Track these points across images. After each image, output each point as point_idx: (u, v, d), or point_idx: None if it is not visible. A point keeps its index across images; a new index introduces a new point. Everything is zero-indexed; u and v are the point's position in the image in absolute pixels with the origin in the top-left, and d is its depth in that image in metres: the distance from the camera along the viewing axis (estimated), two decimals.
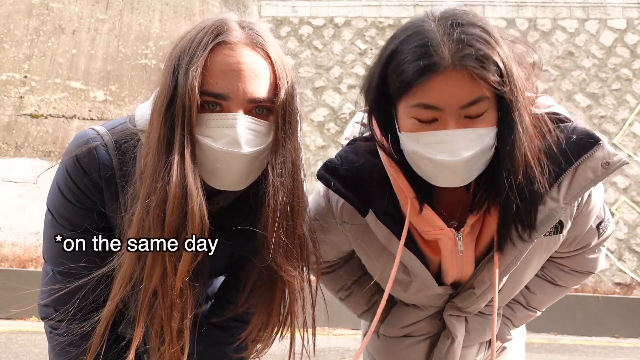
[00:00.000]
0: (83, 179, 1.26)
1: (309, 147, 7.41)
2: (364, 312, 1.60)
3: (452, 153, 1.18)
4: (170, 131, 1.18)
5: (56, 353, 1.36)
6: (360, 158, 1.35)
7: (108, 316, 1.23)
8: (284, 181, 1.22)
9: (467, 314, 1.49)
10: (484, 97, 1.17)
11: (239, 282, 1.39)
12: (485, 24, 1.21)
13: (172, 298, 1.19)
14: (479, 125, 1.19)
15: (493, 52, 1.16)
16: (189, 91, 1.15)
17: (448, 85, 1.16)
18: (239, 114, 1.17)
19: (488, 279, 1.39)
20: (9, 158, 6.82)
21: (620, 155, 1.28)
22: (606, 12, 8.34)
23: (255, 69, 1.19)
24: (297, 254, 1.27)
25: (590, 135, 1.28)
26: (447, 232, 1.32)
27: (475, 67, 1.15)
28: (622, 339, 5.83)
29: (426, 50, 1.17)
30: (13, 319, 4.96)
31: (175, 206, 1.15)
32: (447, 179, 1.22)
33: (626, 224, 7.02)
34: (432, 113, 1.18)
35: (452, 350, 1.50)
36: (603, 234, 1.46)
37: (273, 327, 1.34)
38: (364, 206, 1.33)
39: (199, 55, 1.17)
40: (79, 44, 7.83)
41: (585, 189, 1.29)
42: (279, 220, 1.21)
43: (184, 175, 1.15)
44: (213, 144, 1.17)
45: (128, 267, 1.20)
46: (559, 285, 1.57)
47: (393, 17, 8.32)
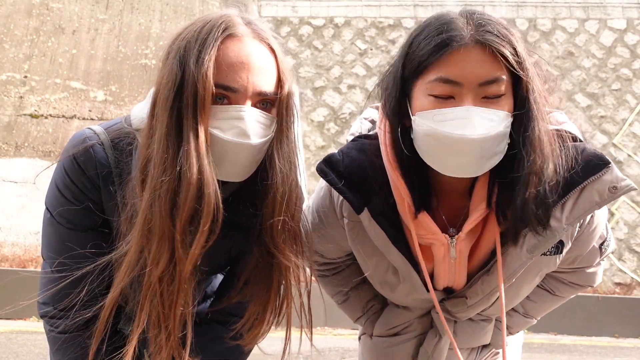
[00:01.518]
0: (80, 177, 1.28)
1: (309, 147, 7.41)
2: (359, 317, 1.61)
3: (470, 128, 1.16)
4: (178, 120, 1.19)
5: (55, 350, 1.37)
6: (362, 156, 1.35)
7: (112, 302, 1.25)
8: (290, 170, 1.26)
9: (456, 318, 1.48)
10: (503, 77, 1.17)
11: (236, 276, 1.41)
12: (503, 21, 1.24)
13: (178, 283, 1.20)
14: (498, 107, 1.18)
15: (512, 37, 1.19)
16: (203, 80, 1.16)
17: (469, 60, 1.17)
18: (247, 106, 1.20)
19: (481, 292, 1.38)
20: (9, 158, 6.83)
21: (628, 181, 1.25)
22: (606, 12, 8.34)
23: (263, 62, 1.22)
24: (297, 240, 1.30)
25: (600, 157, 1.26)
26: (440, 237, 1.31)
27: (495, 41, 1.16)
28: (622, 339, 5.83)
29: (447, 27, 1.19)
30: (13, 319, 4.96)
31: (192, 194, 1.16)
32: (459, 165, 1.20)
33: (626, 224, 7.02)
34: (451, 88, 1.18)
35: (438, 348, 1.50)
36: (605, 252, 1.44)
37: (269, 314, 1.36)
38: (359, 204, 1.33)
39: (210, 45, 1.19)
40: (79, 44, 7.83)
41: (589, 211, 1.26)
42: (286, 206, 1.25)
43: (200, 162, 1.17)
44: (222, 134, 1.19)
45: (134, 254, 1.22)
46: (557, 295, 1.57)
47: (393, 17, 8.32)
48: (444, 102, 1.19)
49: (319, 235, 1.44)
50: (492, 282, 1.36)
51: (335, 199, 1.40)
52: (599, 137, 7.55)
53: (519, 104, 1.20)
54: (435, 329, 1.50)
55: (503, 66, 1.18)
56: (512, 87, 1.20)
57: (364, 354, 1.64)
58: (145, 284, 1.21)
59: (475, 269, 1.38)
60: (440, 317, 1.43)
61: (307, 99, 7.69)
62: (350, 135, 1.46)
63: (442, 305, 1.46)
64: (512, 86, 1.20)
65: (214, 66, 1.18)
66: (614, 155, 7.40)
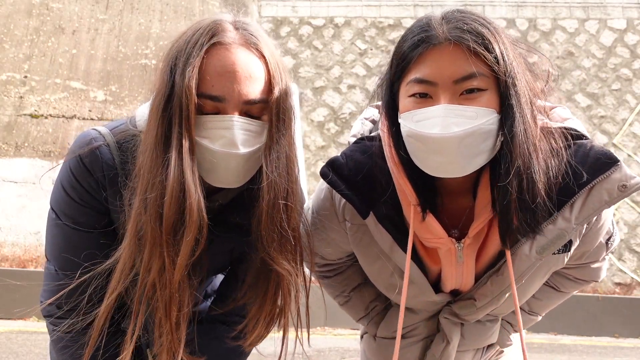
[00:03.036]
0: (87, 178, 1.28)
1: (309, 147, 7.41)
2: (361, 318, 1.60)
3: (443, 127, 1.15)
4: (168, 129, 1.20)
5: (58, 349, 1.37)
6: (367, 158, 1.33)
7: (107, 310, 1.26)
8: (279, 176, 1.24)
9: (464, 321, 1.47)
10: (480, 73, 1.16)
11: (238, 277, 1.41)
12: (487, 19, 1.22)
13: (170, 291, 1.21)
14: (476, 104, 1.16)
15: (489, 35, 1.17)
16: (186, 91, 1.17)
17: (441, 58, 1.17)
18: (234, 116, 1.20)
19: (491, 294, 1.36)
20: (9, 158, 6.82)
21: (638, 179, 1.22)
22: (606, 12, 8.34)
23: (250, 69, 1.22)
24: (291, 247, 1.29)
25: (609, 155, 1.23)
26: (447, 241, 1.29)
27: (469, 40, 1.15)
28: (622, 339, 5.82)
29: (423, 28, 1.20)
30: (13, 319, 4.96)
31: (173, 202, 1.17)
32: (440, 165, 1.19)
33: (626, 224, 7.02)
34: (427, 88, 1.18)
35: (446, 352, 1.48)
36: (611, 247, 1.43)
37: (267, 318, 1.36)
38: (365, 208, 1.31)
39: (195, 55, 1.19)
40: (79, 44, 7.83)
41: (599, 210, 1.24)
42: (274, 214, 1.24)
43: (182, 171, 1.17)
44: (211, 145, 1.20)
45: (126, 261, 1.23)
46: (561, 291, 1.56)
47: (393, 17, 8.32)
48: (423, 102, 1.19)
49: (318, 238, 1.42)
50: (502, 283, 1.35)
51: (336, 201, 1.38)
52: (599, 137, 7.55)
53: (501, 101, 1.18)
54: (443, 332, 1.48)
55: (481, 63, 1.16)
56: (497, 84, 1.18)
57: (367, 354, 1.63)
58: (139, 290, 1.22)
59: (482, 270, 1.37)
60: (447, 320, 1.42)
61: (307, 99, 7.68)
62: (352, 137, 1.44)
63: (449, 309, 1.44)
64: (496, 83, 1.18)
65: (199, 76, 1.18)
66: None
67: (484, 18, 1.21)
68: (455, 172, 1.19)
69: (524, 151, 1.17)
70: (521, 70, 1.19)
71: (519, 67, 1.19)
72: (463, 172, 1.20)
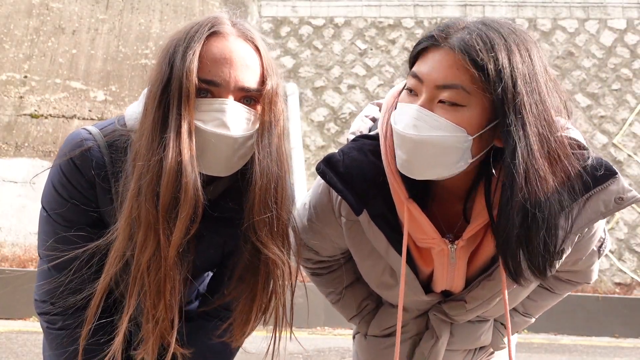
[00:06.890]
0: (78, 178, 1.30)
1: (309, 147, 7.41)
2: (353, 317, 1.60)
3: (405, 125, 1.19)
4: (165, 113, 1.23)
5: (53, 346, 1.38)
6: (363, 157, 1.34)
7: (102, 289, 1.28)
8: (270, 163, 1.28)
9: (453, 321, 1.47)
10: (464, 87, 1.15)
11: (226, 272, 1.43)
12: (509, 34, 1.17)
13: (165, 269, 1.23)
14: (447, 117, 1.16)
15: (492, 52, 1.14)
16: (187, 73, 1.21)
17: (434, 60, 1.19)
18: (229, 99, 1.24)
19: (481, 297, 1.37)
20: (9, 158, 6.82)
21: (634, 192, 1.22)
22: (606, 12, 8.34)
23: (246, 58, 1.27)
24: (282, 236, 1.32)
25: (607, 167, 1.23)
26: (439, 241, 1.30)
27: (464, 52, 1.14)
28: (622, 339, 5.82)
29: (442, 27, 1.21)
30: (13, 318, 4.96)
31: (171, 180, 1.20)
32: (403, 162, 1.21)
33: (626, 224, 7.02)
34: (416, 84, 1.21)
35: (435, 350, 1.49)
36: (602, 253, 1.44)
37: (256, 311, 1.37)
38: (358, 205, 1.32)
39: (196, 40, 1.24)
40: (79, 44, 7.83)
41: (594, 221, 1.25)
42: (266, 199, 1.28)
43: (179, 151, 1.20)
44: (204, 126, 1.23)
45: (121, 242, 1.25)
46: (555, 292, 1.57)
47: (393, 17, 8.31)
48: (411, 98, 1.22)
49: (315, 232, 1.43)
50: (493, 288, 1.35)
51: (333, 197, 1.39)
52: (599, 137, 7.55)
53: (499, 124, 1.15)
54: (432, 330, 1.49)
55: (470, 78, 1.14)
56: (491, 106, 1.15)
57: (359, 354, 1.64)
58: (134, 270, 1.25)
59: (475, 274, 1.37)
60: (437, 318, 1.42)
61: (307, 99, 7.68)
62: (351, 134, 1.45)
63: (439, 307, 1.45)
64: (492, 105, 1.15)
65: (198, 61, 1.23)
66: (614, 155, 7.39)
67: (502, 32, 1.17)
68: (414, 174, 1.22)
69: (529, 189, 1.14)
70: (534, 100, 1.15)
71: (531, 95, 1.15)
72: (422, 176, 1.22)
